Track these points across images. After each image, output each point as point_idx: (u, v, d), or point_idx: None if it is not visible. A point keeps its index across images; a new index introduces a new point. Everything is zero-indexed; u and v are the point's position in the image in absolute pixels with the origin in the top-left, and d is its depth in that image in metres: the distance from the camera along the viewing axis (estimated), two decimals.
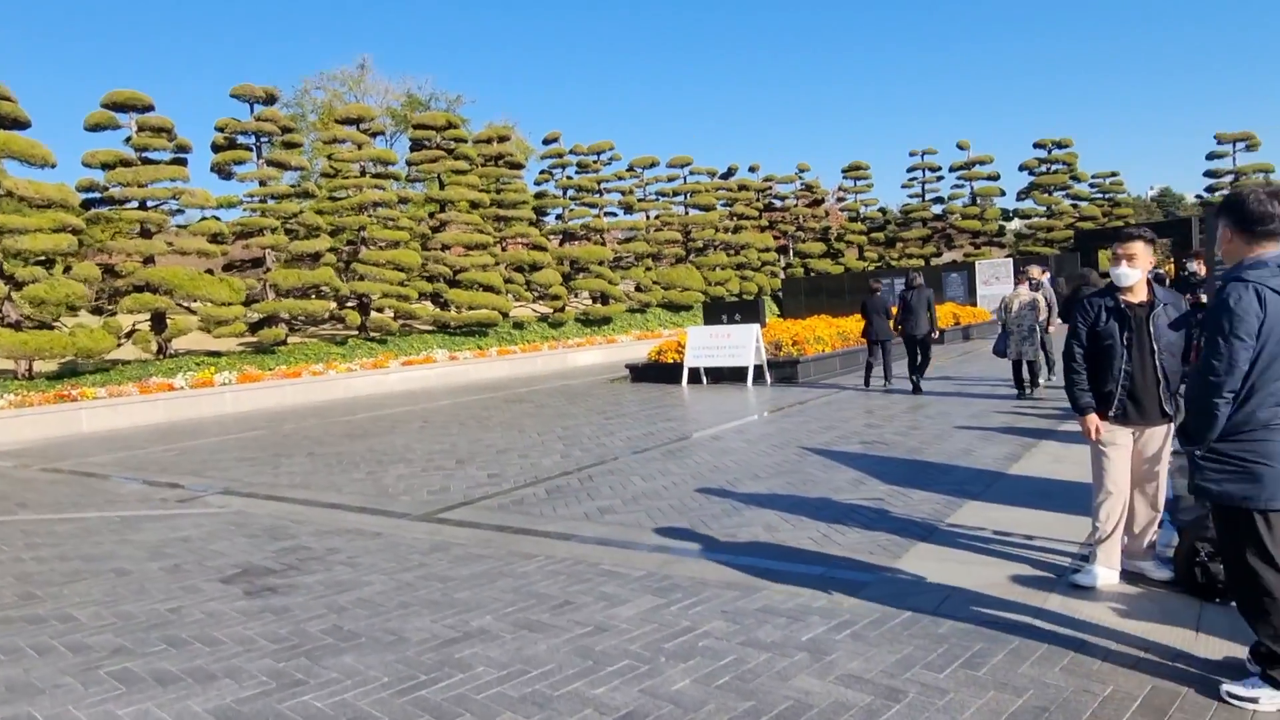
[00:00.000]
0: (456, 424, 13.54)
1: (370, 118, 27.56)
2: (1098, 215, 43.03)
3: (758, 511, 6.68)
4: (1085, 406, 4.62)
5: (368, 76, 45.60)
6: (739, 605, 4.60)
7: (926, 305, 13.68)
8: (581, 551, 5.88)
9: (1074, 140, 43.78)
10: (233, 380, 19.05)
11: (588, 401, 15.57)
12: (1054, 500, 6.48)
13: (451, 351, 24.82)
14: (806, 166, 48.62)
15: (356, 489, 8.72)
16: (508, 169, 31.75)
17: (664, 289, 36.22)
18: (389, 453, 10.95)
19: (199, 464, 11.13)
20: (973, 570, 4.96)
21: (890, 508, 6.57)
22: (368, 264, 24.70)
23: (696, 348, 17.90)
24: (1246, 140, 40.62)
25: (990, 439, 9.23)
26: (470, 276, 27.25)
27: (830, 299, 36.80)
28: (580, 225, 35.32)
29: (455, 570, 5.58)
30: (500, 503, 7.63)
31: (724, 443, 10.13)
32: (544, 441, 11.05)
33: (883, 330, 14.79)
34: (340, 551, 6.26)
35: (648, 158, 40.64)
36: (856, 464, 8.31)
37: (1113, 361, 4.55)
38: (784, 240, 47.65)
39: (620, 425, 12.09)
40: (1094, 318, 4.61)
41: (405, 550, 6.19)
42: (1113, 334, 4.54)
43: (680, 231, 39.54)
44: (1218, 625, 3.99)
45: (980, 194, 44.86)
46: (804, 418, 11.75)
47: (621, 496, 7.53)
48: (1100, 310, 4.59)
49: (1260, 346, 3.21)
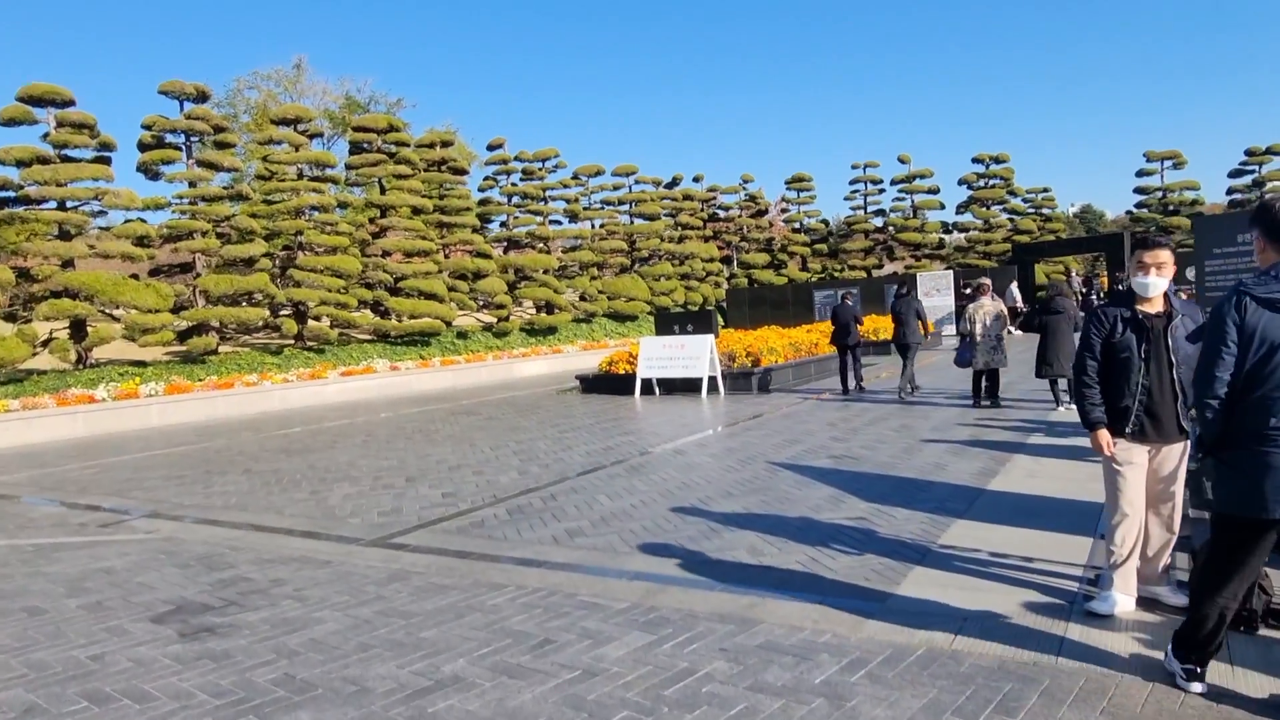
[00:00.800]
0: (402, 438, 12.91)
1: (308, 118, 26.59)
2: (1033, 229, 44.04)
3: (738, 533, 6.31)
4: (1096, 421, 4.35)
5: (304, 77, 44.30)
6: (738, 642, 4.21)
7: (916, 313, 14.23)
8: (555, 580, 5.42)
9: (1010, 156, 44.83)
10: (159, 391, 18.03)
11: (539, 414, 15.06)
12: (1041, 518, 6.25)
13: (393, 361, 24.01)
14: (750, 177, 48.87)
15: (299, 511, 8.10)
16: (451, 174, 31.03)
17: (609, 299, 35.82)
18: (332, 470, 10.30)
19: (122, 483, 10.32)
20: (979, 597, 4.66)
21: (876, 528, 6.26)
22: (305, 270, 23.74)
23: (649, 358, 17.53)
24: (1174, 159, 41.99)
25: (960, 453, 9.04)
26: (412, 284, 26.45)
27: (774, 310, 36.89)
28: (525, 233, 34.71)
29: (418, 604, 5.07)
30: (459, 525, 7.12)
31: (688, 457, 9.76)
32: (498, 457, 10.53)
33: (852, 337, 15.25)
34: (286, 583, 5.68)
35: (593, 166, 40.25)
36: (830, 480, 8.01)
37: (1130, 375, 4.29)
38: (728, 250, 47.72)
39: (577, 439, 11.63)
40: (1109, 329, 4.34)
41: (359, 581, 5.65)
42: (1130, 346, 4.27)
43: (625, 241, 39.23)
44: (1250, 658, 3.74)
45: (920, 207, 45.51)
46: (766, 431, 11.45)
47: (589, 517, 7.09)
48: (1116, 321, 4.32)
49: (1250, 355, 3.22)
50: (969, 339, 12.72)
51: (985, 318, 12.58)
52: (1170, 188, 42.16)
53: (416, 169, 29.43)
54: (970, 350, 12.68)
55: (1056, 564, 5.17)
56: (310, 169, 25.95)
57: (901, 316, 14.24)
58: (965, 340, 12.86)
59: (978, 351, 12.54)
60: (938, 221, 45.93)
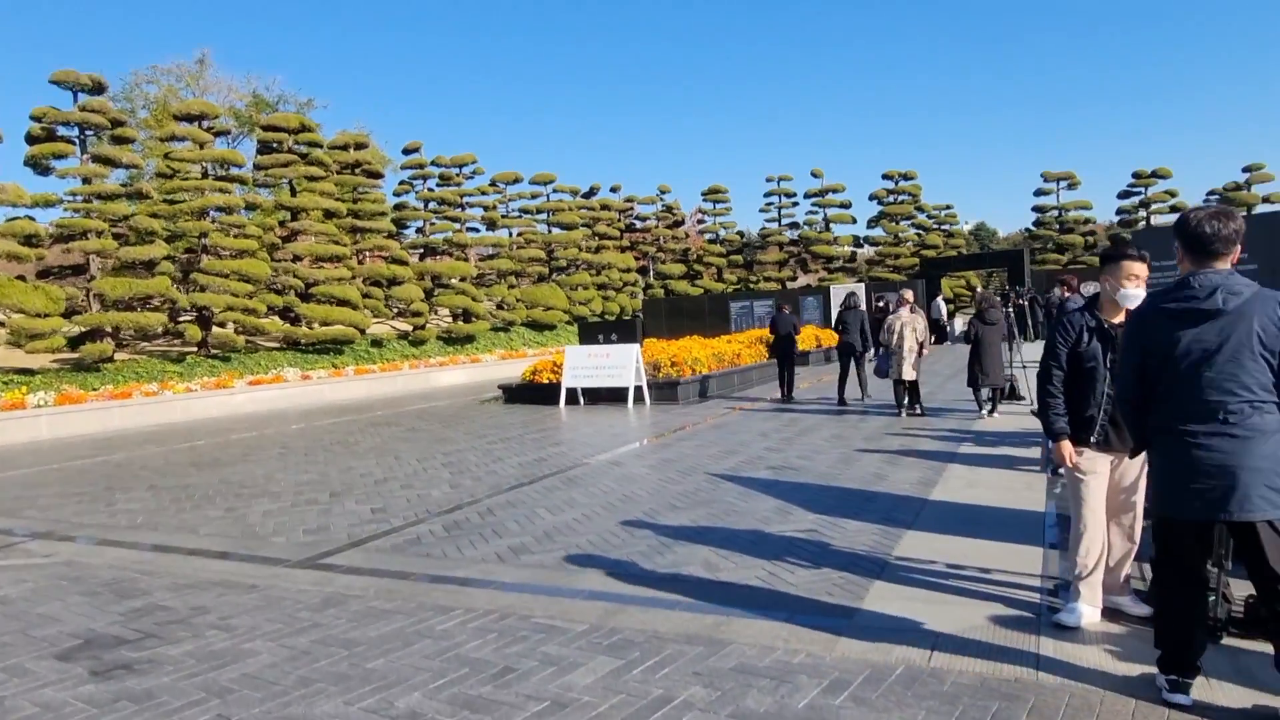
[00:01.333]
0: (321, 450, 12.32)
1: (213, 115, 25.39)
2: (939, 244, 45.56)
3: (690, 547, 6.13)
4: (1061, 432, 4.33)
5: (208, 72, 42.40)
6: (711, 665, 4.02)
7: (860, 323, 14.61)
8: (506, 601, 5.13)
9: (918, 173, 46.31)
10: (49, 401, 16.83)
11: (464, 424, 14.62)
12: (987, 528, 6.28)
13: (304, 370, 23.10)
14: (667, 188, 49.31)
15: (216, 529, 7.56)
16: (366, 177, 30.16)
17: (528, 307, 35.38)
18: (248, 484, 9.72)
19: (11, 501, 9.52)
20: (946, 611, 4.59)
21: (828, 540, 6.18)
22: (210, 274, 22.64)
23: (575, 368, 17.28)
24: (1068, 179, 44.11)
25: (896, 463, 9.09)
26: (325, 290, 25.53)
27: (690, 320, 36.94)
28: (442, 240, 34.03)
29: (360, 631, 4.71)
30: (394, 543, 6.74)
31: (626, 469, 9.56)
32: (427, 470, 10.11)
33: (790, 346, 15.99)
34: (209, 611, 5.23)
35: (511, 173, 39.81)
36: (773, 491, 7.92)
37: (1095, 384, 4.29)
38: (645, 261, 47.87)
39: (507, 450, 11.29)
40: (1076, 338, 4.34)
41: (291, 606, 5.24)
42: (1096, 355, 4.28)
43: (543, 250, 38.89)
44: (1223, 669, 3.74)
45: (833, 220, 46.57)
46: (700, 441, 11.34)
47: (532, 533, 6.81)
48: (1083, 330, 4.32)
49: (1148, 361, 3.40)
50: (889, 350, 12.96)
51: (905, 329, 12.82)
52: (1065, 206, 44.23)
53: (329, 171, 28.51)
54: (888, 361, 12.93)
55: (1014, 574, 5.17)
56: (216, 168, 24.83)
57: (848, 326, 14.68)
58: (885, 351, 13.12)
59: (893, 362, 12.79)
60: (850, 235, 47.03)
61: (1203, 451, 3.22)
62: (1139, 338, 3.46)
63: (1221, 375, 3.19)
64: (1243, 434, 3.16)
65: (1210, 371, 3.21)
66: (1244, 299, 3.18)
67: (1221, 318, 3.20)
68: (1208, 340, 3.22)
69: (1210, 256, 3.27)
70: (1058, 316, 4.54)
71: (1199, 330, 3.24)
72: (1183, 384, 3.29)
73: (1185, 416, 3.28)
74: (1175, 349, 3.29)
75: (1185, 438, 3.27)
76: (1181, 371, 3.28)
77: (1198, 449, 3.23)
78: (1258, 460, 3.13)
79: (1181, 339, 3.27)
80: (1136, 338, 3.48)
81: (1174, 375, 3.31)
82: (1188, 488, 3.26)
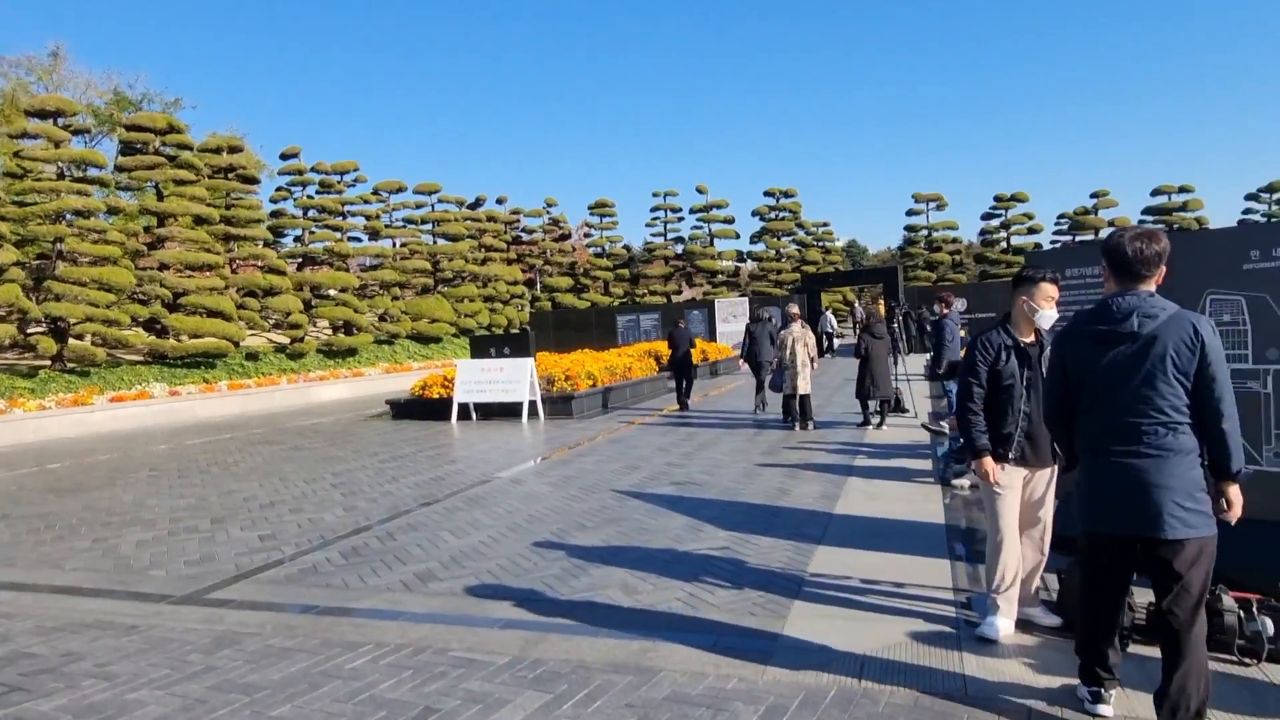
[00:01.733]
0: (196, 472, 11.55)
1: (71, 112, 23.60)
2: (819, 260, 47.07)
3: (605, 569, 6.01)
4: (984, 449, 4.45)
5: (63, 66, 39.41)
6: (643, 695, 3.91)
7: (770, 337, 15.05)
8: (418, 634, 4.87)
9: (798, 190, 47.75)
10: None
11: (352, 442, 14.02)
12: (893, 540, 6.42)
13: (172, 386, 21.74)
14: (554, 201, 49.00)
15: (84, 563, 6.92)
16: (240, 183, 28.69)
17: (413, 320, 34.45)
18: (117, 512, 8.98)
19: None
20: (867, 629, 4.63)
21: (743, 557, 6.17)
22: (66, 282, 21.01)
23: (467, 382, 16.87)
24: (937, 200, 46.42)
25: (797, 477, 9.22)
26: (195, 300, 24.10)
27: (578, 333, 36.86)
28: (322, 249, 32.73)
29: (260, 674, 4.37)
30: (288, 573, 6.33)
31: (527, 487, 9.34)
32: (316, 491, 9.61)
33: (687, 358, 16.69)
34: (83, 657, 4.75)
35: (394, 182, 38.78)
36: (681, 508, 7.89)
37: (1013, 401, 4.43)
38: (531, 273, 47.48)
39: (401, 469, 10.87)
40: (994, 357, 4.47)
41: (178, 649, 4.82)
42: (1014, 374, 4.42)
43: (429, 261, 37.99)
44: (1136, 677, 3.87)
45: (717, 235, 47.46)
46: (600, 457, 11.23)
47: (438, 558, 6.53)
48: (1001, 349, 4.46)
49: (1070, 381, 3.50)
50: (782, 365, 13.25)
51: (797, 344, 13.15)
52: (934, 226, 46.48)
53: (200, 175, 27.00)
54: (782, 376, 13.25)
55: (926, 588, 5.27)
56: (73, 169, 23.09)
57: (756, 338, 15.30)
58: (778, 366, 13.41)
59: (787, 376, 13.11)
60: (733, 250, 48.01)
61: (1120, 470, 3.33)
62: (1062, 358, 3.56)
63: (1137, 397, 3.31)
64: (1156, 453, 3.27)
65: (1126, 393, 3.33)
66: (1158, 322, 3.30)
67: (1137, 340, 3.31)
68: (1124, 362, 3.33)
69: (1132, 278, 3.38)
70: (974, 338, 4.66)
71: (1115, 352, 3.36)
72: (1102, 404, 3.40)
73: (1106, 435, 3.39)
74: (1095, 370, 3.40)
75: (1106, 456, 3.38)
76: (1101, 392, 3.40)
77: (1117, 467, 3.34)
78: (1169, 479, 3.25)
79: (1100, 360, 3.39)
80: (1059, 358, 3.58)
81: (1094, 395, 3.42)
82: (1109, 503, 3.37)
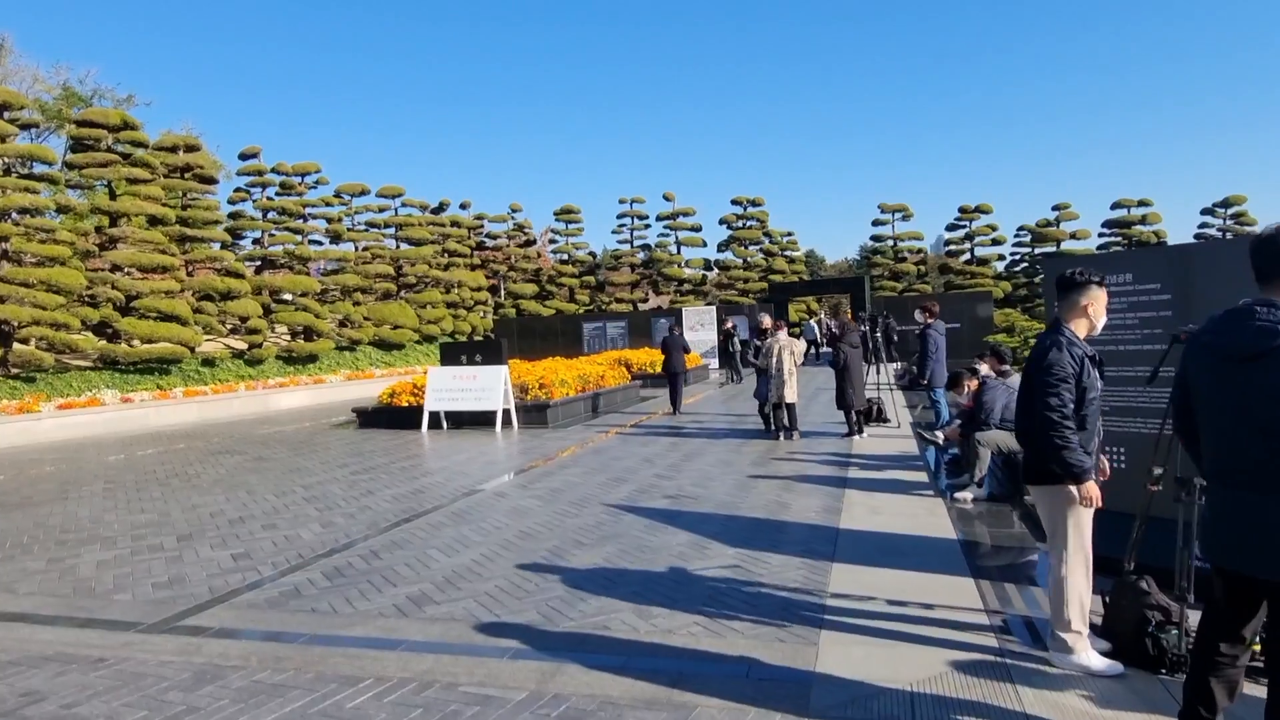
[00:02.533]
0: (155, 484, 10.94)
1: (18, 105, 22.60)
2: (785, 269, 47.14)
3: (612, 591, 5.64)
4: (1089, 471, 3.96)
5: (7, 58, 37.98)
6: None
7: (683, 347, 16.12)
8: (421, 666, 4.46)
9: (765, 199, 47.81)
10: None
11: (319, 452, 13.46)
12: (908, 558, 6.17)
13: (125, 392, 20.85)
14: (519, 206, 48.55)
15: (39, 587, 6.38)
16: (197, 183, 27.74)
17: (375, 325, 33.67)
18: (71, 529, 8.39)
19: None
20: (906, 657, 4.33)
21: (756, 578, 5.85)
22: (12, 283, 20.03)
23: (439, 390, 16.37)
24: (902, 211, 46.78)
25: (793, 489, 8.95)
26: (149, 304, 23.20)
27: (543, 341, 36.33)
28: (282, 252, 31.86)
29: (250, 715, 3.93)
30: (268, 596, 5.87)
31: (513, 501, 8.93)
32: (288, 505, 9.10)
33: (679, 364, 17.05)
34: (45, 697, 4.26)
35: (357, 185, 38.01)
36: (680, 523, 7.55)
37: (1098, 417, 4.14)
38: (496, 280, 46.86)
39: (376, 481, 10.38)
40: (1079, 370, 4.00)
41: (155, 685, 4.35)
42: (1097, 386, 4.09)
43: (391, 265, 37.24)
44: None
45: (684, 243, 47.31)
46: (584, 468, 10.85)
47: (430, 579, 6.11)
48: (1084, 361, 4.02)
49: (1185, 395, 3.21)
50: (767, 373, 13.01)
51: (783, 352, 12.93)
52: (900, 236, 46.85)
53: (156, 174, 26.09)
54: (767, 385, 13.02)
55: (957, 610, 5.01)
56: (19, 165, 22.11)
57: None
58: (764, 375, 13.18)
59: (773, 385, 12.89)
60: (700, 258, 47.91)
61: (1235, 500, 2.92)
62: (1180, 371, 3.26)
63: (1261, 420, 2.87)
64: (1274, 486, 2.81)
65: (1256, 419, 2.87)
66: None
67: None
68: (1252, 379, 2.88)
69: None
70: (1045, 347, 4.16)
71: (1244, 369, 2.90)
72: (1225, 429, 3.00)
73: (1221, 460, 3.01)
74: (1213, 386, 3.04)
75: (1221, 482, 3.00)
76: (1225, 415, 2.99)
77: (1232, 496, 2.94)
78: None
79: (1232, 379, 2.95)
80: (1179, 371, 3.28)
81: (1217, 418, 3.03)
82: (1224, 535, 2.96)
